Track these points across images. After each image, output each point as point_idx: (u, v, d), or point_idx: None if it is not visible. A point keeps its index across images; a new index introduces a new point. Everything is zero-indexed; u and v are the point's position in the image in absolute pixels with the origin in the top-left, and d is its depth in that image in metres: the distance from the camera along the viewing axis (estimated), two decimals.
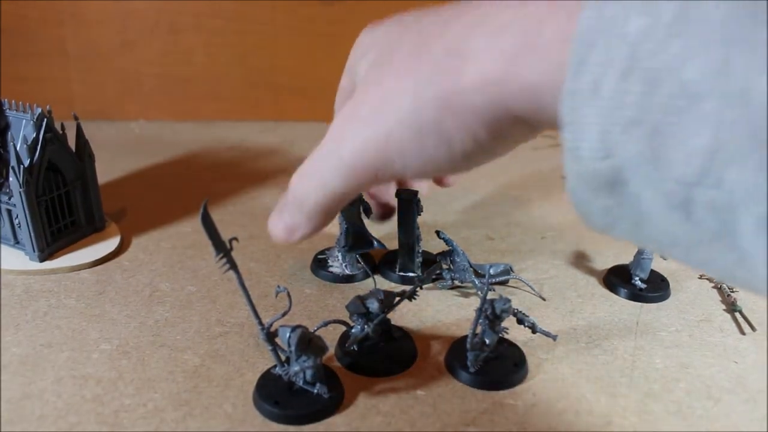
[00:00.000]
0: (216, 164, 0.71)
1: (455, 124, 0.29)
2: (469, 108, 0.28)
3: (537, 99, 0.26)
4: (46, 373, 0.35)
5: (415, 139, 0.30)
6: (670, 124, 0.20)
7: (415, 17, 0.34)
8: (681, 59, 0.19)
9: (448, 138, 0.30)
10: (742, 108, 0.18)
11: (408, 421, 0.33)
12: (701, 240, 0.21)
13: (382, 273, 0.49)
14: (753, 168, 0.18)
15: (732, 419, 0.34)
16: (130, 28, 0.82)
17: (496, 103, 0.28)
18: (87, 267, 0.47)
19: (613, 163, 0.21)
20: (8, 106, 0.46)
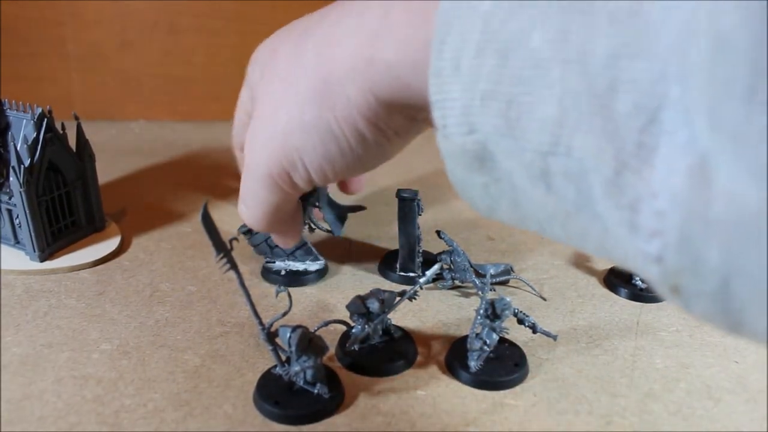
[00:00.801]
0: (216, 164, 0.71)
1: (335, 117, 0.31)
2: (343, 100, 0.30)
3: (399, 78, 0.27)
4: (47, 374, 0.35)
5: (306, 138, 0.32)
6: (522, 95, 0.20)
7: (301, 20, 0.35)
8: (527, 29, 0.19)
9: (334, 134, 0.31)
10: (581, 74, 0.18)
11: (408, 421, 0.33)
12: (567, 212, 0.21)
13: (383, 273, 0.48)
14: (595, 133, 0.18)
15: (732, 419, 0.34)
16: (131, 28, 0.82)
17: (366, 90, 0.29)
18: (87, 267, 0.47)
19: (477, 138, 0.21)
20: (8, 106, 0.46)
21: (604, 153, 0.18)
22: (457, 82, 0.21)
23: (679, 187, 0.17)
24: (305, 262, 0.47)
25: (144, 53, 0.83)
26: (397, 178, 0.69)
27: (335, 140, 0.31)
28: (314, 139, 0.32)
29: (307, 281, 0.46)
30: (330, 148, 0.32)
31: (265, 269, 0.47)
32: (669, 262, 0.18)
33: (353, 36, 0.29)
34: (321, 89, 0.30)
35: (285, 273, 0.46)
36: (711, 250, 0.16)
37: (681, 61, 0.16)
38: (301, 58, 0.32)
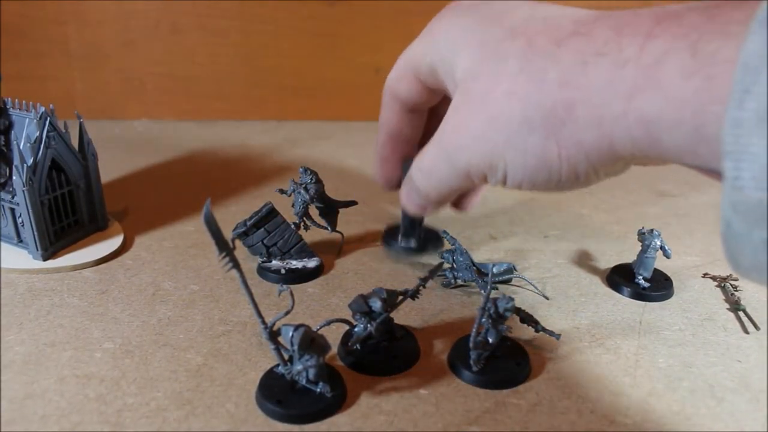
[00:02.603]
0: (219, 163, 0.71)
1: (559, 153, 0.30)
2: (575, 143, 0.30)
3: (652, 134, 0.26)
4: (49, 372, 0.36)
5: (520, 158, 0.32)
6: None
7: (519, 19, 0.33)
8: None
9: (550, 165, 0.31)
10: None
11: (411, 420, 0.33)
12: None
13: (386, 243, 0.51)
14: None
15: (735, 418, 0.34)
16: (133, 28, 0.82)
17: (605, 139, 0.28)
18: (90, 266, 0.47)
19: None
20: (11, 105, 0.46)
21: None
22: (761, 136, 0.20)
23: None
24: (302, 260, 0.48)
25: (146, 52, 0.84)
26: None
27: (548, 169, 0.31)
28: (528, 162, 0.32)
29: (305, 278, 0.46)
30: (540, 175, 0.32)
31: (261, 268, 0.47)
32: None
33: (608, 84, 0.28)
34: (555, 121, 0.30)
35: (285, 271, 0.46)
36: None
37: None
38: (540, 83, 0.30)
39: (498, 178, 0.34)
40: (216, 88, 0.87)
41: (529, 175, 0.32)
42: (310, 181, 0.48)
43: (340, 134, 0.83)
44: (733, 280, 0.48)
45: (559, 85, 0.29)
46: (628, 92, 0.27)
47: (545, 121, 0.30)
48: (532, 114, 0.30)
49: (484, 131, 0.33)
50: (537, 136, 0.30)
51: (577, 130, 0.29)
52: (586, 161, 0.30)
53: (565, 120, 0.29)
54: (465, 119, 0.34)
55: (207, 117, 0.88)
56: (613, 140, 0.28)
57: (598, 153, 0.29)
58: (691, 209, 0.62)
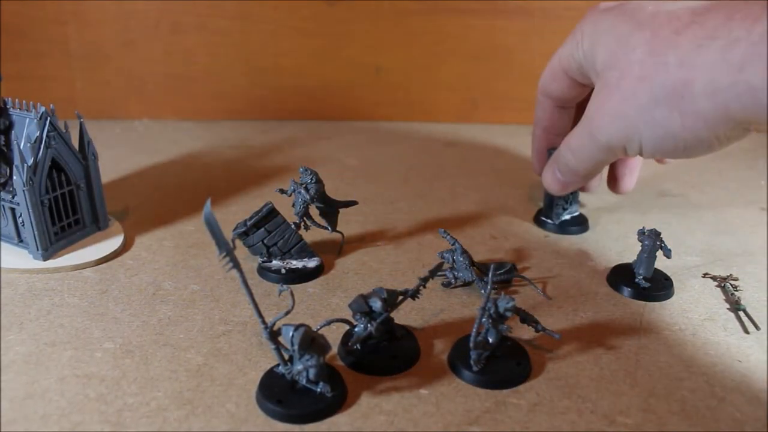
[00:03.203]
0: (219, 163, 0.71)
1: (682, 123, 0.37)
2: (695, 110, 0.36)
3: (758, 99, 0.33)
4: (50, 372, 0.36)
5: (650, 130, 0.39)
6: None
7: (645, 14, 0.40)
8: None
9: (675, 134, 0.38)
10: None
11: (411, 420, 0.33)
12: None
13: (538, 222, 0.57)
14: None
15: (736, 418, 0.34)
16: (133, 28, 0.82)
17: (721, 107, 0.35)
18: (90, 266, 0.47)
19: None
20: (12, 105, 0.47)
21: None
22: None
23: None
24: (302, 260, 0.48)
25: (147, 52, 0.84)
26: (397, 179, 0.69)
27: (674, 138, 0.39)
28: (657, 133, 0.39)
29: (305, 278, 0.46)
30: (667, 142, 0.39)
31: (261, 268, 0.47)
32: None
33: (721, 58, 0.34)
34: (677, 94, 0.37)
35: (285, 271, 0.46)
36: None
37: None
38: (663, 66, 0.37)
39: (634, 149, 0.42)
40: (216, 88, 0.87)
41: (660, 144, 0.40)
42: (311, 180, 0.48)
43: (340, 134, 0.83)
44: (733, 280, 0.48)
45: (678, 66, 0.36)
46: (738, 66, 0.33)
47: (668, 97, 0.37)
48: (657, 92, 0.38)
49: (620, 110, 0.40)
50: (662, 110, 0.38)
51: (695, 101, 0.36)
52: (706, 128, 0.37)
53: (684, 94, 0.36)
54: (604, 102, 0.42)
55: (208, 117, 0.88)
56: (728, 107, 0.34)
57: (714, 120, 0.36)
58: (691, 209, 0.62)
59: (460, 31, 0.85)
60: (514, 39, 0.85)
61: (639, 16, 0.41)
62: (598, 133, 0.43)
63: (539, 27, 0.84)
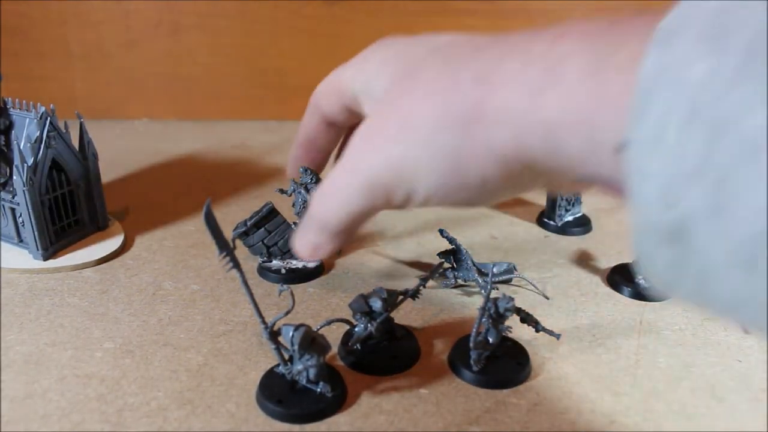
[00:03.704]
0: (219, 163, 0.71)
1: (470, 153, 0.29)
2: (485, 142, 0.28)
3: (553, 136, 0.26)
4: (50, 372, 0.36)
5: (431, 163, 0.30)
6: (734, 177, 0.18)
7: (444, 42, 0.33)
8: (745, 108, 0.18)
9: (460, 168, 0.29)
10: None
11: (411, 420, 0.33)
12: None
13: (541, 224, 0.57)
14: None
15: (736, 418, 0.34)
16: (134, 28, 0.82)
17: (512, 139, 0.27)
18: (90, 266, 0.47)
19: (677, 215, 0.20)
20: (12, 105, 0.47)
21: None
22: (658, 156, 0.20)
23: None
24: (302, 259, 0.48)
25: (147, 52, 0.84)
26: None
27: (458, 174, 0.30)
28: (439, 167, 0.30)
29: (305, 278, 0.46)
30: (450, 181, 0.30)
31: (262, 268, 0.47)
32: None
33: (514, 82, 0.27)
34: (467, 122, 0.29)
35: (285, 271, 0.46)
36: None
37: None
38: (455, 83, 0.29)
39: (406, 190, 0.31)
40: (216, 88, 0.87)
41: (441, 182, 0.30)
42: (311, 181, 0.48)
43: None
44: None
45: (473, 81, 0.29)
46: (533, 89, 0.26)
47: (458, 120, 0.29)
48: (445, 114, 0.29)
49: (393, 135, 0.31)
50: (449, 136, 0.29)
51: (486, 128, 0.28)
52: (496, 164, 0.29)
53: (476, 118, 0.28)
54: (374, 126, 0.32)
55: (208, 117, 0.88)
56: (519, 141, 0.27)
57: (504, 156, 0.28)
58: None
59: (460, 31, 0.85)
60: None
61: (438, 41, 0.34)
62: (359, 167, 0.32)
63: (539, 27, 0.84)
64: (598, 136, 0.24)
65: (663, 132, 0.20)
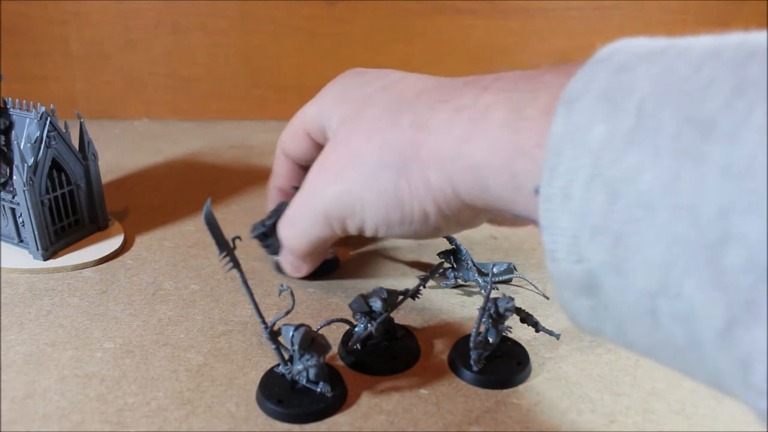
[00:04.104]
0: (219, 163, 0.71)
1: (410, 193, 0.32)
2: (423, 182, 0.31)
3: (480, 179, 0.28)
4: (50, 372, 0.36)
5: (374, 199, 0.33)
6: (629, 234, 0.20)
7: (396, 77, 0.36)
8: (637, 169, 0.19)
9: (402, 206, 0.33)
10: (690, 222, 0.18)
11: (411, 420, 0.33)
12: (676, 347, 0.20)
13: None
14: (705, 282, 0.18)
15: (736, 418, 0.34)
16: (134, 28, 0.82)
17: (446, 180, 0.30)
18: (90, 266, 0.47)
19: (585, 268, 0.21)
20: (12, 105, 0.47)
21: (715, 304, 0.18)
22: (567, 212, 0.21)
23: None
24: None
25: (147, 52, 0.84)
26: None
27: (401, 211, 0.33)
28: (381, 202, 0.33)
29: (326, 271, 0.47)
30: (393, 215, 0.33)
31: (279, 265, 0.47)
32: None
33: (446, 127, 0.30)
34: (405, 162, 0.32)
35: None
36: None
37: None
38: (395, 125, 0.33)
39: (356, 221, 0.35)
40: (216, 88, 0.87)
41: (384, 216, 0.34)
42: None
43: None
44: None
45: (410, 126, 0.32)
46: (461, 136, 0.29)
47: (397, 160, 0.32)
48: (386, 153, 0.32)
49: (342, 171, 0.34)
50: (389, 174, 0.32)
51: (423, 169, 0.31)
52: (434, 202, 0.32)
53: (413, 159, 0.31)
54: (326, 161, 0.36)
55: (208, 117, 0.88)
56: (454, 183, 0.30)
57: (443, 195, 0.31)
58: None
59: (460, 31, 0.85)
60: (514, 39, 0.85)
61: (389, 80, 0.37)
62: (314, 199, 0.36)
63: (539, 27, 0.84)
64: (517, 181, 0.26)
65: (570, 189, 0.21)
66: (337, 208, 0.35)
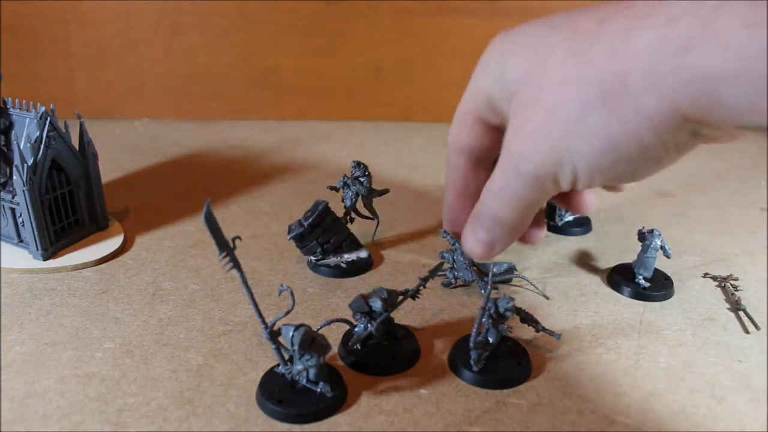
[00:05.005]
0: (219, 163, 0.71)
1: (622, 127, 0.29)
2: (635, 112, 0.28)
3: (712, 90, 0.25)
4: (50, 372, 0.36)
5: (585, 143, 0.30)
6: None
7: (561, 17, 0.33)
8: None
9: (616, 143, 0.30)
10: None
11: (411, 420, 0.33)
12: None
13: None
14: None
15: (736, 418, 0.34)
16: (134, 27, 0.82)
17: (666, 101, 0.27)
18: (90, 266, 0.47)
19: None
20: (12, 105, 0.47)
21: None
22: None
23: None
24: (352, 252, 0.49)
25: (147, 52, 0.84)
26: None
27: (615, 149, 0.30)
28: (594, 145, 0.30)
29: (362, 269, 0.48)
30: (607, 157, 0.30)
31: (317, 265, 0.48)
32: None
33: (659, 41, 0.27)
34: (611, 94, 0.29)
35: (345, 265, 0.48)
36: None
37: None
38: (587, 61, 0.30)
39: (568, 175, 0.32)
40: (216, 88, 0.87)
41: (598, 162, 0.31)
42: (363, 173, 0.49)
43: (340, 134, 0.83)
44: (734, 280, 0.48)
45: (606, 56, 0.29)
46: (680, 47, 0.26)
47: (601, 97, 0.29)
48: (587, 94, 0.30)
49: (544, 126, 0.32)
50: (596, 115, 0.30)
51: (634, 98, 0.28)
52: (651, 130, 0.29)
53: (620, 91, 0.29)
54: (523, 123, 0.33)
55: (208, 117, 0.88)
56: (673, 101, 0.27)
57: (660, 118, 0.28)
58: (691, 209, 0.62)
59: (460, 31, 0.85)
60: None
61: (554, 20, 0.34)
62: (521, 164, 0.33)
63: None
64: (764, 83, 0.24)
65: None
66: (547, 167, 0.32)
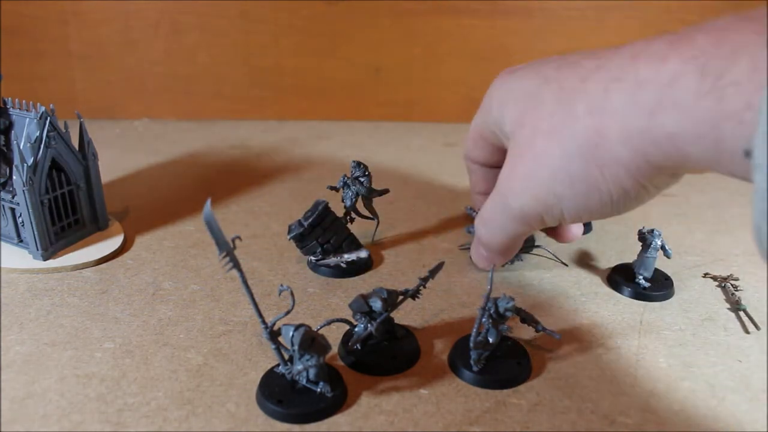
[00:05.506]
0: (219, 163, 0.71)
1: (602, 174, 0.33)
2: (613, 160, 0.33)
3: (678, 148, 0.29)
4: (50, 372, 0.36)
5: (569, 190, 0.35)
6: None
7: (551, 70, 0.37)
8: None
9: (598, 188, 0.34)
10: None
11: (411, 420, 0.33)
12: None
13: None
14: None
15: (736, 418, 0.34)
16: (134, 27, 0.82)
17: (639, 154, 0.31)
18: (90, 266, 0.47)
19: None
20: (12, 105, 0.47)
21: None
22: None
23: None
24: (352, 252, 0.49)
25: (147, 52, 0.84)
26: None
27: (598, 193, 0.34)
28: (577, 191, 0.35)
29: (362, 270, 0.48)
30: (591, 200, 0.35)
31: (316, 265, 0.47)
32: None
33: (630, 102, 0.31)
34: (591, 147, 0.33)
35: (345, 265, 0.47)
36: None
37: None
38: (571, 116, 0.34)
39: (554, 214, 0.37)
40: (216, 88, 0.87)
41: (582, 203, 0.35)
42: (363, 173, 0.49)
43: (340, 134, 0.83)
44: (734, 280, 0.48)
45: (587, 113, 0.33)
46: (649, 109, 0.30)
47: (582, 148, 0.33)
48: (569, 145, 0.34)
49: (531, 171, 0.36)
50: (577, 164, 0.34)
51: (611, 148, 0.32)
52: (628, 176, 0.33)
53: (598, 143, 0.32)
54: (515, 165, 0.37)
55: (208, 116, 0.88)
56: (646, 154, 0.31)
57: (636, 166, 0.32)
58: (691, 209, 0.62)
59: (460, 31, 0.85)
60: (514, 39, 0.85)
61: (545, 71, 0.37)
62: (510, 201, 0.38)
63: (539, 27, 0.84)
64: (722, 145, 0.27)
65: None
66: (533, 208, 0.37)
